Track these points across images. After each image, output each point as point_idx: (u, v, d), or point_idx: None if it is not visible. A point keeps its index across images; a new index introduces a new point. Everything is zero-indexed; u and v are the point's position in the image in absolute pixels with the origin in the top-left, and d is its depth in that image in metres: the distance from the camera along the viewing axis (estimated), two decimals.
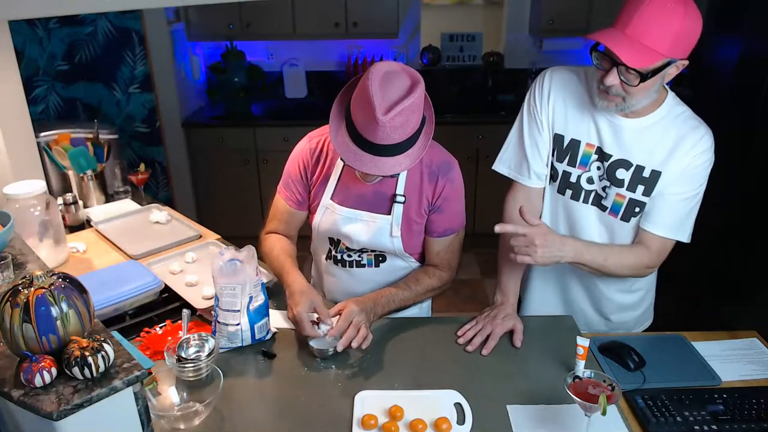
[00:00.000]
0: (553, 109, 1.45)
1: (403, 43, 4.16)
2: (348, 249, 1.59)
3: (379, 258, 1.59)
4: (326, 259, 1.67)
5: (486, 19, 4.20)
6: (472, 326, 1.49)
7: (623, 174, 1.40)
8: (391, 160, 1.30)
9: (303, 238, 1.71)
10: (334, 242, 1.61)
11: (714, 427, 1.18)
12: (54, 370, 0.89)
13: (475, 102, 4.11)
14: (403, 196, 1.49)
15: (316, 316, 1.43)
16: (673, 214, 1.39)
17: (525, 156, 1.51)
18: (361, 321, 1.41)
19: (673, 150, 1.35)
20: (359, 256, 1.60)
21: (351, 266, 1.62)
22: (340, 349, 1.38)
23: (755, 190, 2.23)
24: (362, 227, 1.52)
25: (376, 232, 1.51)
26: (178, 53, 3.77)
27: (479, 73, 4.15)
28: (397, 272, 1.61)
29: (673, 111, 1.36)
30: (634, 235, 1.45)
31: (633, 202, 1.41)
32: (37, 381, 0.87)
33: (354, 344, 1.38)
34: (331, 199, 1.54)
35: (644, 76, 1.22)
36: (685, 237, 1.41)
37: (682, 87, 3.13)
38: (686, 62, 1.25)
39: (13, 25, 1.96)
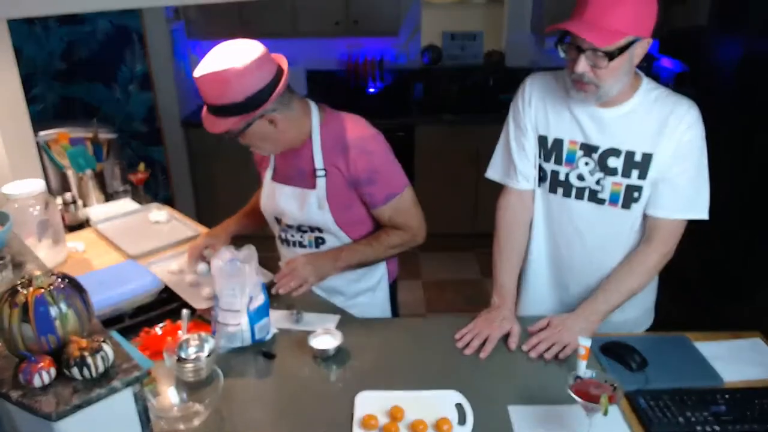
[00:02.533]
0: (535, 112, 1.50)
1: (404, 41, 4.15)
2: (288, 227, 1.68)
3: (319, 240, 1.66)
4: (277, 240, 1.77)
5: (487, 17, 4.19)
6: (469, 329, 1.48)
7: (615, 162, 1.42)
8: (213, 119, 1.45)
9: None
10: (278, 221, 1.71)
11: (716, 427, 1.17)
12: (53, 371, 0.88)
13: (476, 101, 4.10)
14: (323, 170, 1.56)
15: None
16: (680, 194, 1.40)
17: (513, 161, 1.56)
18: (303, 273, 1.54)
19: (661, 130, 1.37)
20: (301, 236, 1.68)
21: (294, 246, 1.71)
22: (273, 292, 1.51)
23: (756, 189, 2.23)
24: (294, 203, 1.62)
25: (306, 207, 1.59)
26: (177, 52, 3.77)
27: (480, 72, 4.15)
28: None
29: (651, 94, 1.39)
30: (636, 224, 1.47)
31: (630, 188, 1.43)
32: (36, 381, 0.87)
33: (278, 289, 1.52)
34: (272, 179, 1.67)
35: (611, 56, 1.26)
36: (701, 213, 1.42)
37: (683, 87, 3.13)
38: (650, 40, 1.30)
39: (12, 24, 1.96)
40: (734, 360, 1.40)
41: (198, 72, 1.39)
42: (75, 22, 3.52)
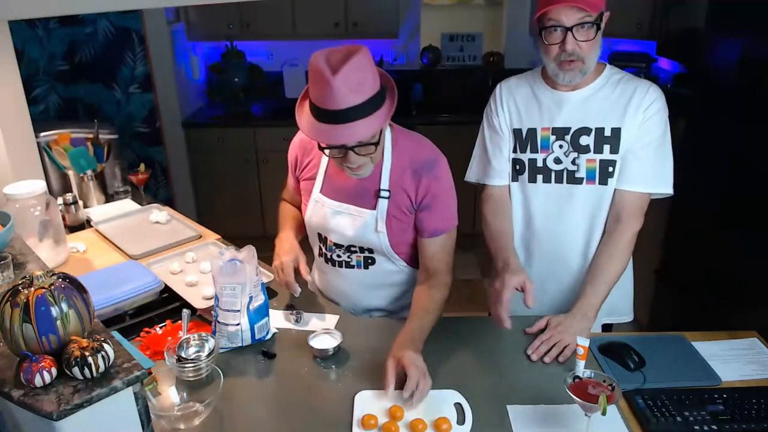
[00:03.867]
0: (508, 110, 1.61)
1: (403, 43, 4.16)
2: (336, 246, 1.58)
3: (368, 260, 1.58)
4: (319, 256, 1.68)
5: (486, 19, 4.20)
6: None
7: (586, 140, 1.51)
8: (354, 125, 1.28)
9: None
10: (323, 239, 1.61)
11: (714, 426, 1.18)
12: (54, 370, 0.89)
13: (476, 102, 4.07)
14: (388, 191, 1.48)
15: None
16: (646, 168, 1.48)
17: (489, 160, 1.64)
18: (424, 368, 1.30)
19: (626, 107, 1.48)
20: (348, 256, 1.58)
21: (340, 266, 1.61)
22: (415, 402, 1.23)
23: (755, 189, 2.23)
24: (348, 221, 1.52)
25: (361, 227, 1.50)
26: (178, 53, 3.78)
27: (479, 73, 4.15)
28: (386, 275, 1.59)
29: (614, 77, 1.52)
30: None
31: (604, 163, 1.50)
32: (37, 381, 0.87)
33: (410, 396, 1.24)
34: (321, 192, 1.56)
35: (598, 25, 1.39)
36: (666, 188, 1.50)
37: (681, 88, 3.13)
38: (608, 14, 1.43)
39: (13, 25, 1.96)
40: (732, 359, 1.41)
41: (326, 72, 1.23)
42: (76, 23, 3.52)
